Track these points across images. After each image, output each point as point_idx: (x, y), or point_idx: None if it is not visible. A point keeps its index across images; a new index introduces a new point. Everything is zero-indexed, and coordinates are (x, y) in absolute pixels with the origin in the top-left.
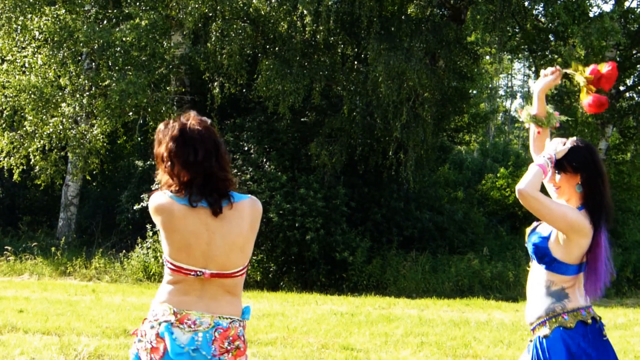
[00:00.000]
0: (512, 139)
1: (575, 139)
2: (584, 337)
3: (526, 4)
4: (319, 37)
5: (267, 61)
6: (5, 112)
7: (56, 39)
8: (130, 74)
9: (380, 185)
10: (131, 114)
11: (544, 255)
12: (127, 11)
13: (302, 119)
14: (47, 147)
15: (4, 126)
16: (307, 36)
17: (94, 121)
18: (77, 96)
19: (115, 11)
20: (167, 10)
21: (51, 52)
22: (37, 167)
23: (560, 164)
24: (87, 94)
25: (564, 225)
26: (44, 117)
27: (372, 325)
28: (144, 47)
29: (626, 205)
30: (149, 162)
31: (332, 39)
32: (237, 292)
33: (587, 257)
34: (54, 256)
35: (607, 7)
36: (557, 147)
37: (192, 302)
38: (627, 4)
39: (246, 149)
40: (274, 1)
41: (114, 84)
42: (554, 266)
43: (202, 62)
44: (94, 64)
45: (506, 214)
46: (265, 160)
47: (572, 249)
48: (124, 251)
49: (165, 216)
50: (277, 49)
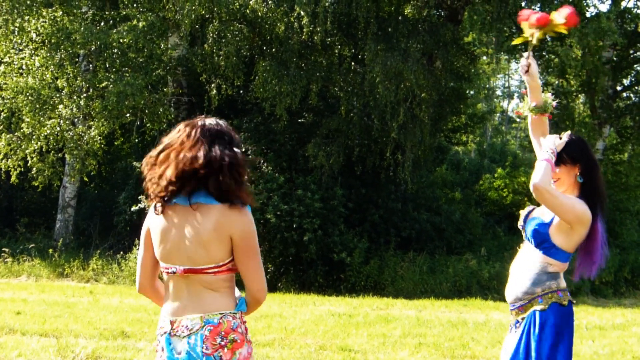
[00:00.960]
0: (509, 140)
1: (569, 133)
2: (570, 315)
3: (523, 4)
4: (316, 38)
5: (264, 62)
6: (2, 114)
7: (53, 40)
8: (127, 75)
9: (377, 186)
10: (128, 115)
11: (544, 240)
12: (124, 13)
13: (300, 120)
14: (44, 149)
15: (1, 128)
16: (304, 37)
17: (92, 123)
18: (75, 98)
19: (112, 13)
20: (164, 12)
21: (48, 54)
22: (35, 168)
23: (559, 157)
24: (85, 95)
25: (573, 217)
26: (42, 118)
27: (370, 326)
28: (141, 48)
29: (624, 205)
30: None
31: (329, 40)
32: (220, 288)
33: (584, 243)
34: (52, 258)
35: (604, 7)
36: (555, 141)
37: (183, 307)
38: (623, 4)
39: (243, 150)
40: (270, 2)
41: (111, 86)
42: (552, 252)
43: (199, 63)
44: (91, 65)
45: (504, 214)
46: (262, 161)
47: (573, 238)
48: (122, 253)
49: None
50: (274, 50)
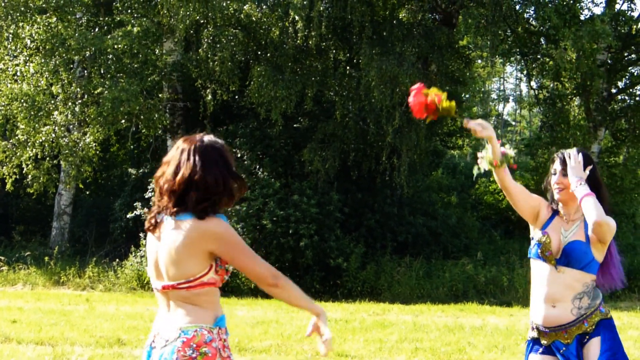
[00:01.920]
0: (504, 143)
1: (575, 150)
2: (614, 325)
3: (517, 7)
4: (310, 42)
5: (259, 67)
6: None
7: (48, 47)
8: (122, 81)
9: (373, 190)
10: (124, 121)
11: (589, 260)
12: (118, 18)
13: (295, 125)
14: (39, 156)
15: None
16: (299, 42)
17: (87, 129)
18: (70, 104)
19: (106, 19)
20: (158, 17)
21: (43, 60)
22: (30, 176)
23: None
24: (79, 101)
25: (612, 232)
26: (36, 125)
27: (366, 331)
28: (135, 54)
29: (619, 208)
30: (142, 170)
31: (324, 44)
32: (199, 302)
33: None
34: (47, 266)
35: (598, 10)
36: (575, 167)
37: (165, 320)
38: (617, 7)
39: (239, 155)
40: (265, 7)
41: (106, 92)
42: (592, 266)
43: (194, 69)
44: (85, 71)
45: (500, 218)
46: (258, 166)
47: (604, 249)
48: (118, 260)
49: None
50: (269, 55)
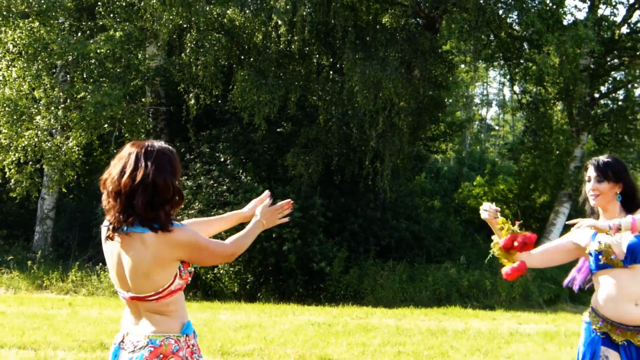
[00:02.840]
0: (488, 147)
1: (606, 156)
2: None
3: (500, 12)
4: (294, 47)
5: (242, 72)
6: None
7: (30, 51)
8: (105, 85)
9: (356, 195)
10: (106, 126)
11: None
12: (101, 23)
13: (278, 130)
14: (22, 160)
15: None
16: (282, 46)
17: (69, 133)
18: (52, 109)
19: (89, 23)
20: (141, 21)
21: (25, 65)
22: (13, 180)
23: (605, 173)
24: (62, 106)
25: None
26: (19, 129)
27: (349, 335)
28: (118, 58)
29: None
30: None
31: (307, 49)
32: (167, 312)
33: None
34: (30, 270)
35: (581, 15)
36: (599, 224)
37: (133, 324)
38: (600, 12)
39: (222, 160)
40: (248, 12)
41: (89, 96)
42: None
43: (177, 73)
44: (68, 76)
45: (483, 222)
46: (241, 171)
47: None
48: (101, 264)
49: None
50: (252, 59)
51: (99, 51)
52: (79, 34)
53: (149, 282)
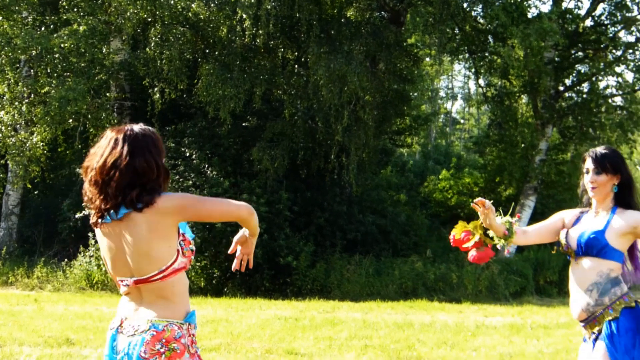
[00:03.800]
0: (453, 141)
1: (603, 147)
2: None
3: (465, 5)
4: (258, 41)
5: (207, 66)
6: None
7: None
8: (69, 80)
9: (322, 189)
10: (71, 121)
11: (604, 246)
12: (65, 17)
13: (244, 124)
14: None
15: None
16: (247, 40)
17: (34, 129)
18: (16, 104)
19: (53, 17)
20: (105, 15)
21: None
22: None
23: (602, 165)
24: (26, 101)
25: None
26: None
27: (316, 329)
28: (82, 53)
29: (567, 205)
30: None
31: (272, 42)
32: (171, 296)
33: (629, 251)
34: None
35: (546, 8)
36: None
37: (136, 309)
38: (564, 5)
39: (187, 155)
40: (213, 5)
41: (53, 91)
42: (609, 253)
43: (142, 67)
44: (32, 70)
45: (449, 215)
46: (207, 166)
47: (628, 243)
48: (67, 260)
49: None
50: (217, 53)
51: (63, 45)
52: (43, 28)
53: (151, 261)
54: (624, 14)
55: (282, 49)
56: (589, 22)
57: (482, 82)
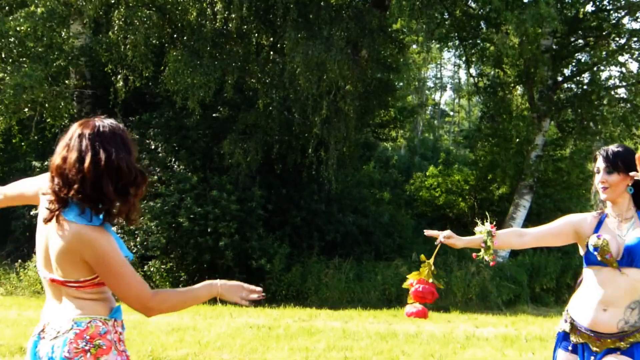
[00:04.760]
0: (442, 135)
1: (616, 145)
2: None
3: None
4: (231, 25)
5: (175, 52)
6: None
7: None
8: (25, 66)
9: (299, 185)
10: (27, 110)
11: None
12: None
13: (214, 115)
14: None
15: None
16: (218, 25)
17: None
18: None
19: None
20: None
21: None
22: None
23: (615, 164)
24: None
25: None
26: None
27: (291, 339)
28: (40, 37)
29: (565, 205)
30: (47, 163)
31: (245, 27)
32: (92, 295)
33: None
34: None
35: None
36: None
37: (56, 310)
38: None
39: (153, 147)
40: None
41: (8, 78)
42: None
43: (104, 53)
44: None
45: (436, 215)
46: (174, 159)
47: None
48: (20, 261)
49: None
50: (185, 38)
51: (18, 29)
52: None
53: (73, 270)
54: None
55: (256, 34)
56: (589, 8)
57: (473, 71)
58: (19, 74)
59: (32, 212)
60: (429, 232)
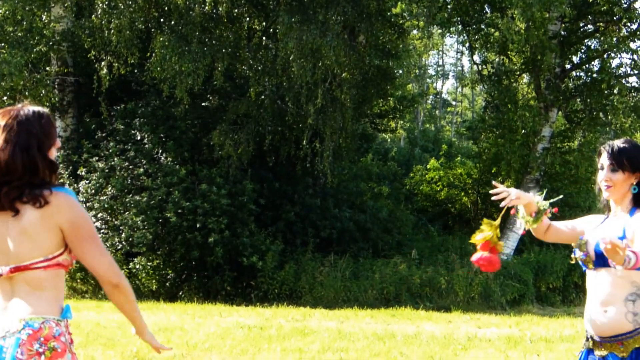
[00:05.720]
0: (444, 126)
1: (622, 139)
2: None
3: None
4: (221, 9)
5: (162, 37)
6: None
7: None
8: (3, 52)
9: (293, 179)
10: (5, 98)
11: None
12: None
13: (203, 104)
14: None
15: None
16: (207, 8)
17: None
18: None
19: None
20: None
21: None
22: None
23: (619, 162)
24: None
25: None
26: None
27: (284, 340)
28: (19, 21)
29: (574, 200)
30: None
31: (236, 11)
32: (48, 289)
33: None
34: None
35: None
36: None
37: (3, 308)
38: None
39: (139, 138)
40: None
41: None
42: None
43: (87, 38)
44: None
45: (437, 211)
46: (161, 151)
47: None
48: None
49: None
50: (173, 23)
51: None
52: None
53: (36, 247)
54: None
55: (248, 19)
56: None
57: (477, 58)
58: None
59: None
60: (496, 189)
